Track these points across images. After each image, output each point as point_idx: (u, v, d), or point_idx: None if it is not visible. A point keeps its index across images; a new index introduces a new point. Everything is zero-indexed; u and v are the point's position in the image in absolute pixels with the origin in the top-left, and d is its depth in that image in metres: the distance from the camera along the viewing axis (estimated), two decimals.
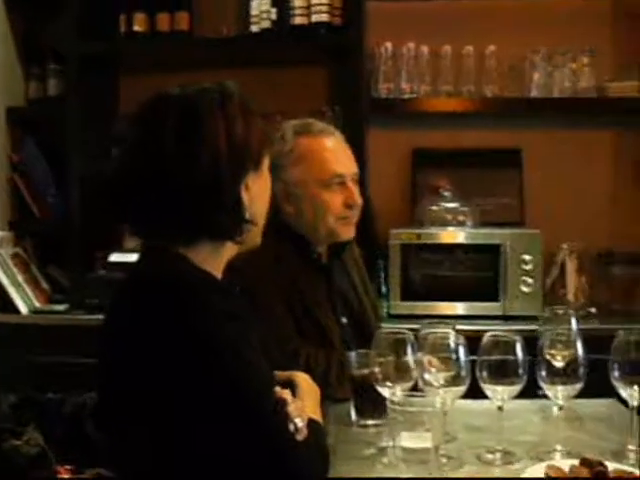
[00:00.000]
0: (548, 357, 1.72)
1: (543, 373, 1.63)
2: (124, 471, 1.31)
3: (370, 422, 1.75)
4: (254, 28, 3.09)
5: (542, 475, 1.44)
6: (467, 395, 1.63)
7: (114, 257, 3.11)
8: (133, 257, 3.05)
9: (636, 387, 1.57)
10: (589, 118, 3.24)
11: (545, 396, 1.80)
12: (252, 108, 1.41)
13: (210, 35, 3.15)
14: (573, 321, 1.82)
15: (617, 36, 3.26)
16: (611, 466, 1.45)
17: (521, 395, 1.62)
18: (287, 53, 3.17)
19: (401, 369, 1.64)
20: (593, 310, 3.06)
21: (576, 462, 1.47)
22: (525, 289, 3.00)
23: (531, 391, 1.66)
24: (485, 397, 1.62)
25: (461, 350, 1.59)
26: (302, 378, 1.52)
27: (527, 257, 2.99)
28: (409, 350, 1.62)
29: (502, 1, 3.22)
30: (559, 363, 1.69)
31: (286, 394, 1.34)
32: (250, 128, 1.38)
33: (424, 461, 1.45)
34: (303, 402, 1.40)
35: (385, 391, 1.62)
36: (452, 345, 1.61)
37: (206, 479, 1.25)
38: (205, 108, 1.35)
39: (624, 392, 1.59)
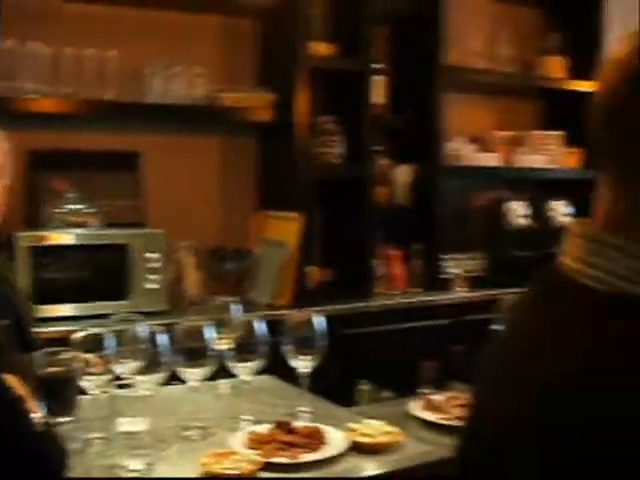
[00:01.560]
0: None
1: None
2: None
3: (62, 419, 1.78)
4: None
5: (246, 440, 1.64)
6: None
7: None
8: None
9: (302, 357, 1.86)
10: (201, 125, 3.53)
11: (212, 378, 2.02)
12: None
13: None
14: (232, 308, 2.06)
15: (226, 51, 3.59)
16: (299, 424, 1.72)
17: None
18: None
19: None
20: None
21: (270, 426, 1.71)
22: (151, 286, 3.18)
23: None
24: None
25: (158, 339, 1.72)
26: (11, 379, 1.51)
27: (151, 255, 3.17)
28: (110, 346, 1.70)
29: (125, 10, 3.32)
30: (223, 346, 1.91)
31: (20, 391, 1.34)
32: None
33: (140, 445, 1.57)
34: None
35: (89, 384, 1.68)
36: (145, 336, 1.74)
37: None
38: None
39: (295, 363, 1.86)
